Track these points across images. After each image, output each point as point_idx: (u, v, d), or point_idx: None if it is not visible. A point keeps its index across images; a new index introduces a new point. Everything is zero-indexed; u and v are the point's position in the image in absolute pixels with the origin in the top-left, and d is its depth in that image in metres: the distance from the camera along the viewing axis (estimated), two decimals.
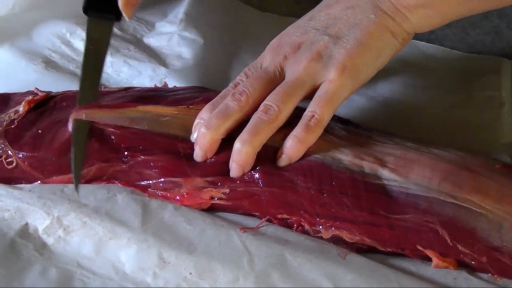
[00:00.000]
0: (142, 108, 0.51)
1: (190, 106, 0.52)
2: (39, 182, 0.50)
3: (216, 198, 0.50)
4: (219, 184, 0.49)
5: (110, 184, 0.51)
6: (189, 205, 0.50)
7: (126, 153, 0.50)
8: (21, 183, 0.50)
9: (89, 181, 0.51)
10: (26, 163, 0.50)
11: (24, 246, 0.45)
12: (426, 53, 0.74)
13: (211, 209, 0.50)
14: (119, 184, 0.51)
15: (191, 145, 0.50)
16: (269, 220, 0.49)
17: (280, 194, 0.48)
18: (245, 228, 0.47)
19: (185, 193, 0.49)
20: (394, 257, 0.48)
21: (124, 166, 0.50)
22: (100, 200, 0.49)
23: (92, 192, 0.49)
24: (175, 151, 0.50)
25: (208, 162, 0.49)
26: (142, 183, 0.50)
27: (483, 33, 0.74)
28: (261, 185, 0.48)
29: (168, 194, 0.50)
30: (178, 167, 0.49)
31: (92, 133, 0.50)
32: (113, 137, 0.50)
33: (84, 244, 0.46)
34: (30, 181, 0.50)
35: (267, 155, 0.49)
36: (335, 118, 0.54)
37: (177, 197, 0.50)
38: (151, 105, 0.52)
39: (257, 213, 0.50)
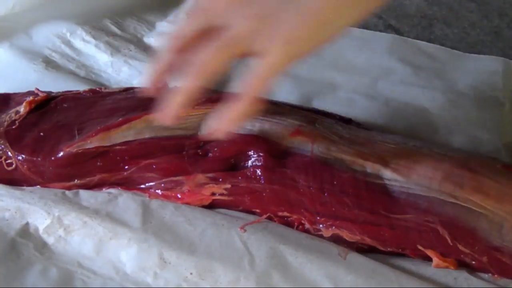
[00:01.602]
0: (148, 117, 0.50)
1: (196, 107, 0.52)
2: (38, 186, 0.50)
3: (217, 194, 0.50)
4: (220, 180, 0.49)
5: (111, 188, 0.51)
6: (190, 202, 0.50)
7: (129, 162, 0.50)
8: (22, 185, 0.50)
9: (90, 188, 0.51)
10: (25, 166, 0.50)
11: (25, 246, 0.45)
12: (426, 53, 0.73)
13: (211, 206, 0.50)
14: (120, 189, 0.51)
15: (194, 143, 0.50)
16: (269, 218, 0.49)
17: (282, 191, 0.48)
18: (245, 225, 0.47)
19: (186, 191, 0.49)
20: (394, 257, 0.48)
21: (125, 174, 0.50)
22: (101, 202, 0.49)
23: (93, 195, 0.49)
24: (177, 150, 0.50)
25: (210, 157, 0.49)
26: (144, 186, 0.50)
27: (483, 33, 0.74)
28: (262, 182, 0.48)
29: (169, 193, 0.50)
30: (180, 166, 0.49)
31: (96, 153, 0.50)
32: (117, 152, 0.50)
33: (84, 244, 0.46)
34: (30, 184, 0.50)
35: (271, 151, 0.49)
36: (337, 117, 0.54)
37: (178, 195, 0.50)
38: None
39: (258, 210, 0.50)
